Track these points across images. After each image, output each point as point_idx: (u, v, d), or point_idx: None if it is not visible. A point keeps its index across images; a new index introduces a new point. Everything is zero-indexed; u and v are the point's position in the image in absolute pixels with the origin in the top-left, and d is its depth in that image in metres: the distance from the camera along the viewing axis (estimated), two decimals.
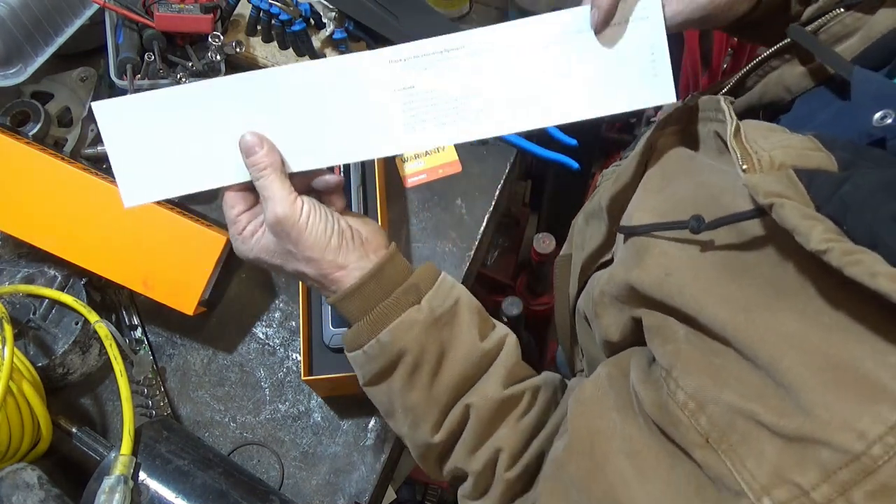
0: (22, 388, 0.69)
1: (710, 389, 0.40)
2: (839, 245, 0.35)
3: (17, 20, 0.80)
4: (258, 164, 0.51)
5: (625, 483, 0.44)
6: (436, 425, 0.55)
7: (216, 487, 0.67)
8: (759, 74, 0.55)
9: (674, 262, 0.45)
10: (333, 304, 0.53)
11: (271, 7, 0.90)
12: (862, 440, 0.34)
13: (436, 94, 0.52)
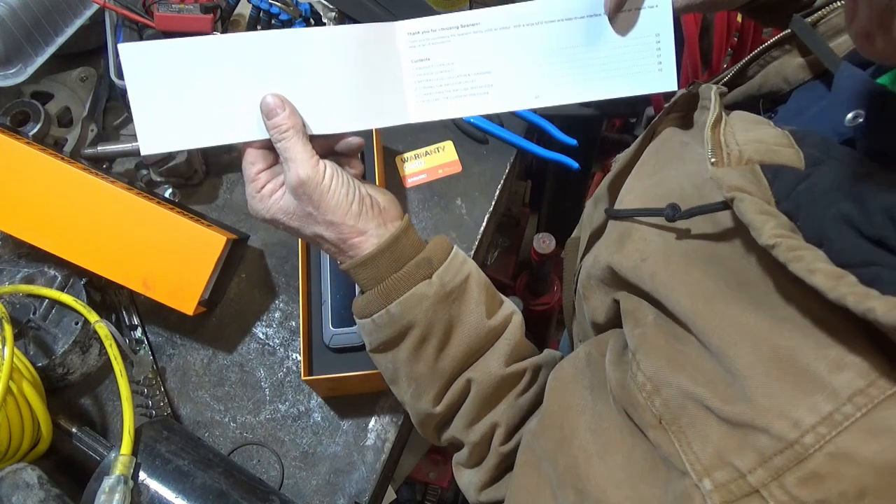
0: (22, 388, 0.69)
1: (666, 373, 0.42)
2: (786, 241, 0.36)
3: (17, 20, 0.80)
4: (280, 126, 0.51)
5: (587, 457, 0.46)
6: (437, 396, 0.56)
7: (216, 487, 0.67)
8: (760, 64, 0.55)
9: (650, 248, 0.47)
10: (347, 269, 0.54)
11: (271, 7, 0.90)
12: (797, 429, 0.35)
13: (449, 68, 0.54)
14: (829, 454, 0.34)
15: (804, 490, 0.35)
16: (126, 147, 0.87)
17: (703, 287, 0.41)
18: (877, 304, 0.32)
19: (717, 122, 0.47)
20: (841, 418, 0.34)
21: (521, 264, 1.43)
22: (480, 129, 0.91)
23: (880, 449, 0.33)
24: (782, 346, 0.37)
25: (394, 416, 0.79)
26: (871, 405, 0.33)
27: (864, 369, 0.34)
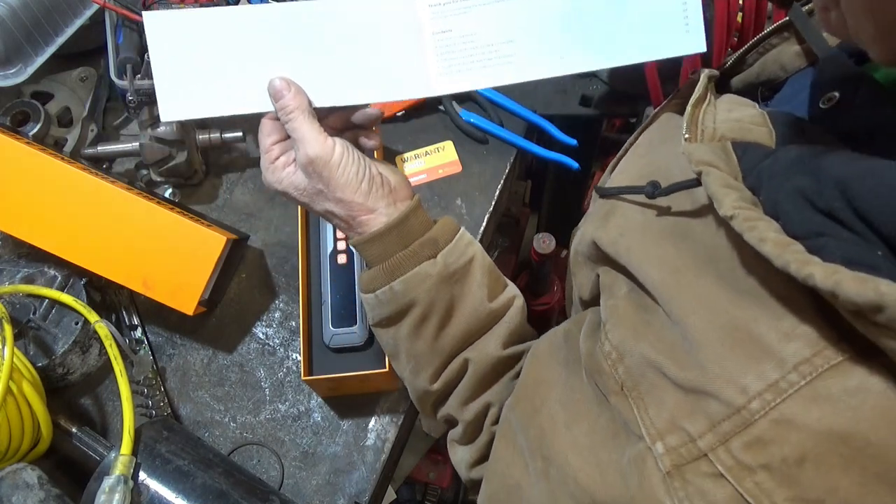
0: (22, 388, 0.69)
1: (630, 341, 0.43)
2: (743, 213, 0.37)
3: (17, 20, 0.80)
4: (286, 108, 0.52)
5: (554, 426, 0.47)
6: (435, 374, 0.57)
7: (216, 487, 0.67)
8: (759, 52, 0.56)
9: (630, 224, 0.48)
10: (355, 245, 0.56)
11: None
12: (744, 395, 0.36)
13: (472, 39, 0.54)
14: (773, 420, 0.35)
15: (748, 455, 0.36)
16: (126, 147, 0.87)
17: (672, 260, 0.43)
18: (816, 270, 0.32)
19: (699, 102, 0.48)
20: (786, 386, 0.35)
21: (521, 264, 1.43)
22: (480, 129, 0.91)
23: (820, 416, 0.34)
24: (738, 316, 0.38)
25: (394, 416, 0.79)
26: (814, 374, 0.34)
27: (812, 339, 0.35)
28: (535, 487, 0.48)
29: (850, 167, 0.36)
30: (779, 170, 0.40)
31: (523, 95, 0.95)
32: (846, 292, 0.31)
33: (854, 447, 0.34)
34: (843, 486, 0.34)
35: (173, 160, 0.84)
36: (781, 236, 0.36)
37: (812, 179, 0.37)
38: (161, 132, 0.83)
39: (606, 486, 0.42)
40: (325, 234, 0.80)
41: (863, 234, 0.34)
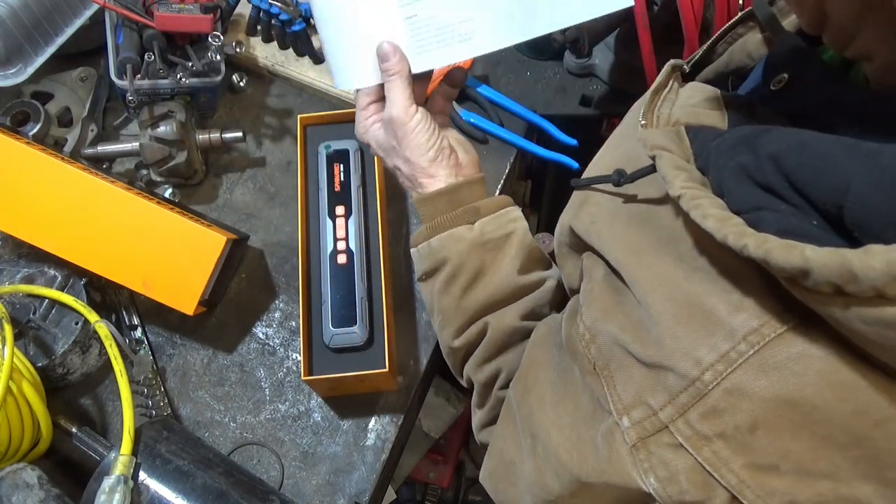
0: (22, 388, 0.69)
1: (601, 322, 0.45)
2: (690, 191, 0.39)
3: (17, 20, 0.80)
4: (389, 70, 0.58)
5: (541, 405, 0.50)
6: (457, 331, 0.61)
7: (216, 487, 0.67)
8: (727, 42, 0.57)
9: (601, 211, 0.50)
10: (414, 202, 0.62)
11: (271, 7, 0.90)
12: (698, 367, 0.37)
13: (436, 20, 0.59)
14: (726, 390, 0.37)
15: (705, 424, 0.37)
16: (126, 147, 0.87)
17: (636, 243, 0.45)
18: (749, 241, 0.34)
19: (659, 89, 0.50)
20: (736, 356, 0.36)
21: None
22: (480, 129, 0.91)
23: (769, 384, 0.35)
24: (692, 291, 0.39)
25: (394, 416, 0.79)
26: (762, 343, 0.36)
27: (759, 310, 0.36)
28: (526, 464, 0.51)
29: (786, 142, 0.37)
30: (724, 149, 0.41)
31: (523, 95, 0.95)
32: (775, 259, 0.32)
33: (801, 412, 0.35)
34: (794, 450, 0.36)
35: (173, 160, 0.84)
36: (723, 212, 0.37)
37: (753, 156, 0.38)
38: (161, 132, 0.83)
39: (582, 461, 0.44)
40: (325, 234, 0.80)
41: (799, 205, 0.35)
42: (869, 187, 0.32)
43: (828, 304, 0.32)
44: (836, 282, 0.31)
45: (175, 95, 0.85)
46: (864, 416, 0.34)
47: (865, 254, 0.30)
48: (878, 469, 0.35)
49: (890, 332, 0.31)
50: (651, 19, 0.80)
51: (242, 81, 0.92)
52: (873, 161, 0.32)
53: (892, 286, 0.29)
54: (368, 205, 0.83)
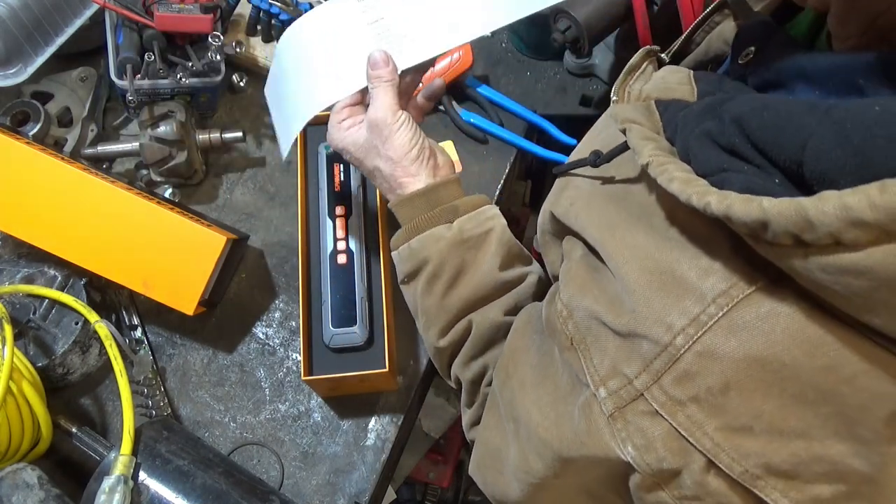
0: (22, 388, 0.69)
1: (577, 297, 0.46)
2: (657, 158, 0.40)
3: (17, 20, 0.80)
4: (381, 76, 0.60)
5: (522, 388, 0.50)
6: (442, 331, 0.61)
7: (216, 487, 0.67)
8: (704, 30, 0.58)
9: (579, 194, 0.52)
10: (392, 206, 0.62)
11: (271, 7, 0.90)
12: (670, 332, 0.38)
13: (401, 21, 0.61)
14: (697, 353, 0.37)
15: (678, 389, 0.38)
16: (126, 147, 0.87)
17: (610, 219, 0.46)
18: (712, 198, 0.34)
19: (632, 70, 0.52)
20: (706, 318, 0.37)
21: None
22: (480, 129, 0.91)
23: (738, 344, 0.36)
24: (663, 259, 0.40)
25: (394, 416, 0.79)
26: (731, 305, 0.36)
27: (728, 273, 0.37)
28: (510, 449, 0.51)
29: (748, 105, 0.38)
30: (691, 117, 0.42)
31: (523, 95, 0.95)
32: (736, 213, 0.33)
33: (771, 371, 0.35)
34: (766, 409, 0.36)
35: (173, 160, 0.84)
36: (688, 175, 0.38)
37: (717, 121, 0.39)
38: (161, 132, 0.83)
39: (562, 436, 0.44)
40: (325, 234, 0.80)
41: (761, 165, 0.36)
42: (825, 141, 0.32)
43: (789, 256, 0.33)
44: (793, 231, 0.31)
45: (175, 95, 0.85)
46: (832, 371, 0.34)
47: (819, 200, 0.30)
48: (850, 426, 0.35)
49: (849, 280, 0.31)
50: (651, 19, 0.80)
51: (242, 81, 0.92)
52: (828, 116, 0.33)
53: (847, 231, 0.29)
54: (368, 205, 0.83)
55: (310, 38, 0.63)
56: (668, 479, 0.40)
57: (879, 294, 0.31)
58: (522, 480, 0.50)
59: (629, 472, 0.42)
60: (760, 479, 0.37)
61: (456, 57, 0.89)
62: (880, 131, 0.31)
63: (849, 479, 0.36)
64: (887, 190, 0.28)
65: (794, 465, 0.36)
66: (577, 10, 0.79)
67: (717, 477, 0.38)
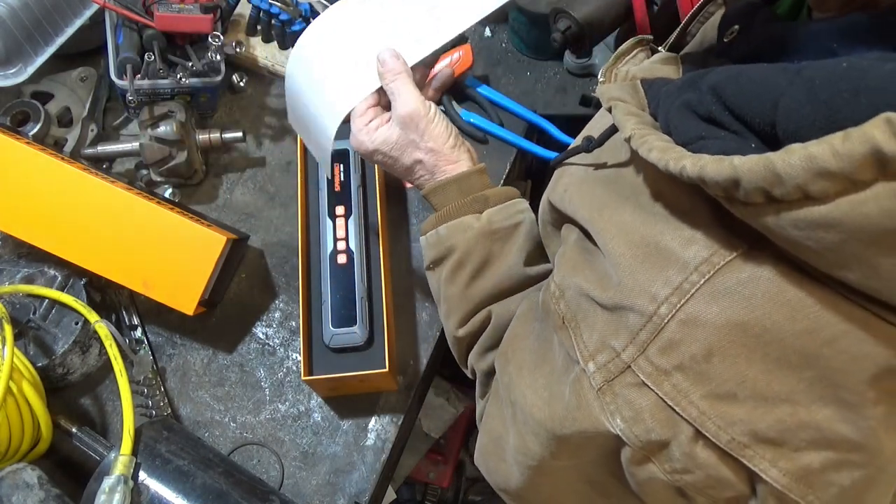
0: (22, 388, 0.69)
1: (568, 277, 0.47)
2: (639, 131, 0.41)
3: (17, 20, 0.80)
4: (394, 70, 0.59)
5: (520, 373, 0.50)
6: (462, 321, 0.61)
7: (216, 487, 0.67)
8: (699, 21, 0.58)
9: (573, 180, 0.52)
10: (425, 193, 0.62)
11: (271, 7, 0.90)
12: (654, 302, 0.38)
13: (401, 19, 0.61)
14: (680, 321, 0.37)
15: (663, 359, 0.38)
16: (126, 147, 0.87)
17: (600, 199, 0.46)
18: (687, 162, 0.35)
19: (622, 55, 0.54)
20: (689, 286, 0.37)
21: None
22: (480, 129, 0.91)
23: (720, 310, 0.36)
24: (648, 233, 0.40)
25: (394, 416, 0.79)
26: (712, 272, 0.37)
27: (709, 242, 0.37)
28: (510, 433, 0.51)
29: (724, 73, 0.38)
30: (672, 91, 0.43)
31: (523, 95, 0.95)
32: (709, 174, 0.34)
33: (753, 335, 0.35)
34: (750, 375, 0.36)
35: (173, 160, 0.84)
36: (667, 144, 0.39)
37: (696, 92, 0.39)
38: (161, 132, 0.83)
39: (554, 414, 0.45)
40: (325, 234, 0.80)
41: (738, 131, 0.36)
42: (795, 99, 0.33)
43: (762, 214, 0.33)
44: (763, 186, 0.31)
45: (175, 95, 0.85)
46: (813, 334, 0.35)
47: (785, 153, 0.31)
48: (834, 389, 0.35)
49: (820, 234, 0.31)
50: (651, 19, 0.80)
51: (242, 81, 0.92)
52: (799, 75, 0.33)
53: (814, 183, 0.30)
54: (368, 205, 0.83)
55: (314, 55, 0.63)
56: (657, 450, 0.40)
57: (850, 247, 0.31)
58: (521, 463, 0.50)
59: (620, 446, 0.42)
60: (748, 448, 0.37)
61: (456, 57, 0.89)
62: (846, 85, 0.31)
63: (837, 447, 0.36)
64: (850, 138, 0.28)
65: (780, 432, 0.36)
66: (577, 10, 0.79)
67: (706, 448, 0.38)
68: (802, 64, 0.34)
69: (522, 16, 0.91)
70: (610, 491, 0.49)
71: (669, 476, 0.41)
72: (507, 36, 0.99)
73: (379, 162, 0.62)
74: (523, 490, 0.53)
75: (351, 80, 0.61)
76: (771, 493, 0.38)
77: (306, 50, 0.63)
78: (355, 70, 0.61)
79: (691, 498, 0.42)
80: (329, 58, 0.62)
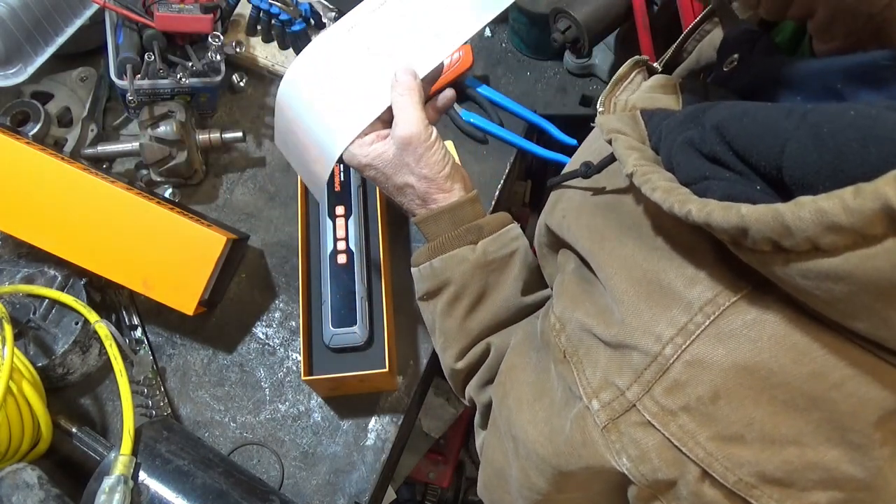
0: (22, 388, 0.69)
1: (569, 310, 0.46)
2: (641, 168, 0.40)
3: (17, 20, 0.80)
4: (406, 84, 0.57)
5: (519, 406, 0.50)
6: (460, 353, 0.60)
7: (216, 487, 0.67)
8: (696, 39, 0.58)
9: (571, 205, 0.51)
10: (416, 222, 0.60)
11: (271, 7, 0.90)
12: (659, 342, 0.38)
13: (390, 47, 0.60)
14: (686, 362, 0.37)
15: (669, 399, 0.38)
16: (126, 147, 0.87)
17: (600, 230, 0.46)
18: (693, 206, 0.35)
19: (619, 80, 0.53)
20: (694, 327, 0.37)
21: None
22: (480, 129, 0.91)
23: (726, 352, 0.36)
24: (650, 269, 0.40)
25: (394, 416, 0.79)
26: (717, 313, 0.36)
27: (713, 282, 0.37)
28: (512, 467, 0.51)
29: (728, 112, 0.38)
30: (674, 126, 0.42)
31: (523, 95, 0.95)
32: (716, 220, 0.33)
33: (759, 377, 0.35)
34: (757, 417, 0.36)
35: (173, 160, 0.84)
36: (670, 184, 0.38)
37: (699, 129, 0.39)
38: (161, 132, 0.83)
39: (558, 451, 0.44)
40: (326, 234, 0.80)
41: (743, 172, 0.36)
42: (802, 145, 0.33)
43: (770, 262, 0.33)
44: (772, 237, 0.31)
45: (175, 95, 0.85)
46: (820, 378, 0.34)
47: (795, 205, 0.30)
48: (842, 432, 0.35)
49: (830, 285, 0.31)
50: (651, 19, 0.80)
51: (242, 81, 0.92)
52: (804, 119, 0.33)
53: (824, 236, 0.30)
54: (368, 205, 0.83)
55: (312, 82, 0.60)
56: (664, 489, 0.40)
57: (860, 299, 0.30)
58: (527, 498, 0.50)
59: (627, 483, 0.42)
60: (755, 489, 0.37)
61: (456, 57, 0.89)
62: (854, 134, 0.31)
63: (844, 486, 0.36)
64: (861, 194, 0.28)
65: (788, 473, 0.36)
66: (577, 10, 0.79)
67: (713, 487, 0.38)
68: (808, 108, 0.34)
69: (522, 16, 0.91)
70: None
71: None
72: (507, 36, 0.99)
73: (370, 177, 0.60)
74: None
75: (354, 108, 0.59)
76: None
77: (304, 75, 0.61)
78: (358, 97, 0.59)
79: None
80: (329, 84, 0.60)
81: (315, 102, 0.60)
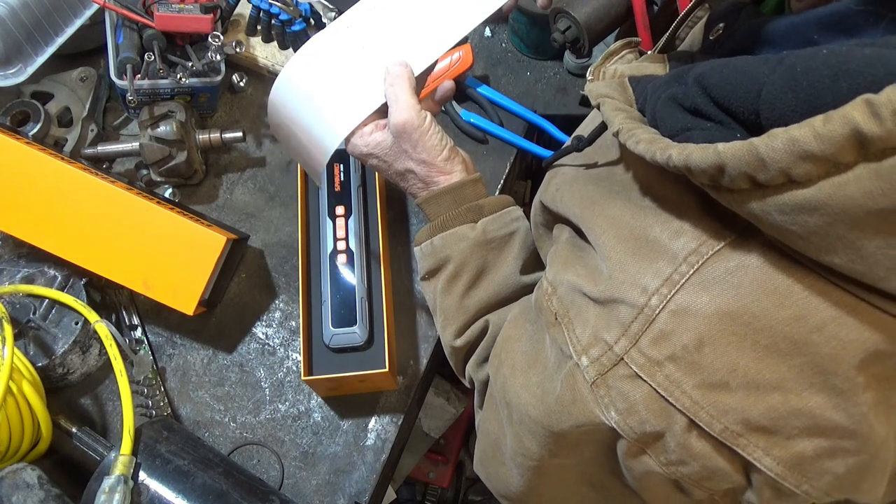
0: (22, 388, 0.69)
1: (560, 273, 0.47)
2: (627, 125, 0.41)
3: (17, 20, 0.80)
4: (396, 74, 0.58)
5: (514, 374, 0.50)
6: (459, 331, 0.61)
7: (216, 487, 0.67)
8: (688, 25, 0.59)
9: (565, 180, 0.53)
10: (418, 203, 0.61)
11: (271, 7, 0.90)
12: (645, 294, 0.39)
13: (386, 45, 0.60)
14: (671, 311, 0.38)
15: (655, 349, 0.38)
16: (126, 147, 0.87)
17: (590, 196, 0.47)
18: (673, 152, 0.36)
19: (610, 55, 0.55)
20: (678, 277, 0.38)
21: None
22: (480, 129, 0.91)
23: (710, 299, 0.37)
24: (637, 226, 0.41)
25: (394, 416, 0.79)
26: (701, 262, 0.37)
27: (697, 232, 0.38)
28: (507, 436, 0.51)
29: (709, 65, 0.39)
30: (659, 85, 0.43)
31: (523, 95, 0.95)
32: (694, 161, 0.34)
33: (742, 323, 0.36)
34: (741, 363, 0.36)
35: (173, 160, 0.84)
36: (653, 136, 0.39)
37: (682, 86, 0.40)
38: (161, 132, 0.83)
39: (549, 410, 0.45)
40: (325, 234, 0.80)
41: (723, 121, 0.37)
42: (777, 86, 0.33)
43: (748, 200, 0.33)
44: (747, 171, 0.32)
45: (175, 95, 0.85)
46: (801, 321, 0.35)
47: (768, 137, 0.31)
48: (825, 376, 0.35)
49: (805, 218, 0.31)
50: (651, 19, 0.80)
51: (242, 81, 0.92)
52: (780, 63, 0.34)
53: (797, 166, 0.30)
54: (368, 205, 0.83)
55: (313, 75, 0.60)
56: (652, 442, 0.40)
57: (834, 230, 0.31)
58: (521, 465, 0.50)
59: (616, 439, 0.42)
60: (741, 437, 0.37)
61: (456, 57, 0.89)
62: (826, 71, 0.31)
63: (829, 433, 0.36)
64: (830, 120, 0.29)
65: (772, 420, 0.37)
66: (577, 10, 0.79)
67: (700, 438, 0.38)
68: (784, 53, 0.35)
69: (522, 16, 0.91)
70: (611, 492, 0.49)
71: (665, 469, 0.41)
72: (507, 36, 0.99)
73: (373, 166, 0.62)
74: (524, 494, 0.53)
75: (351, 101, 0.60)
76: (766, 482, 0.38)
77: (303, 70, 0.61)
78: (356, 91, 0.60)
79: (688, 491, 0.42)
80: (328, 79, 0.61)
81: (315, 95, 0.60)
